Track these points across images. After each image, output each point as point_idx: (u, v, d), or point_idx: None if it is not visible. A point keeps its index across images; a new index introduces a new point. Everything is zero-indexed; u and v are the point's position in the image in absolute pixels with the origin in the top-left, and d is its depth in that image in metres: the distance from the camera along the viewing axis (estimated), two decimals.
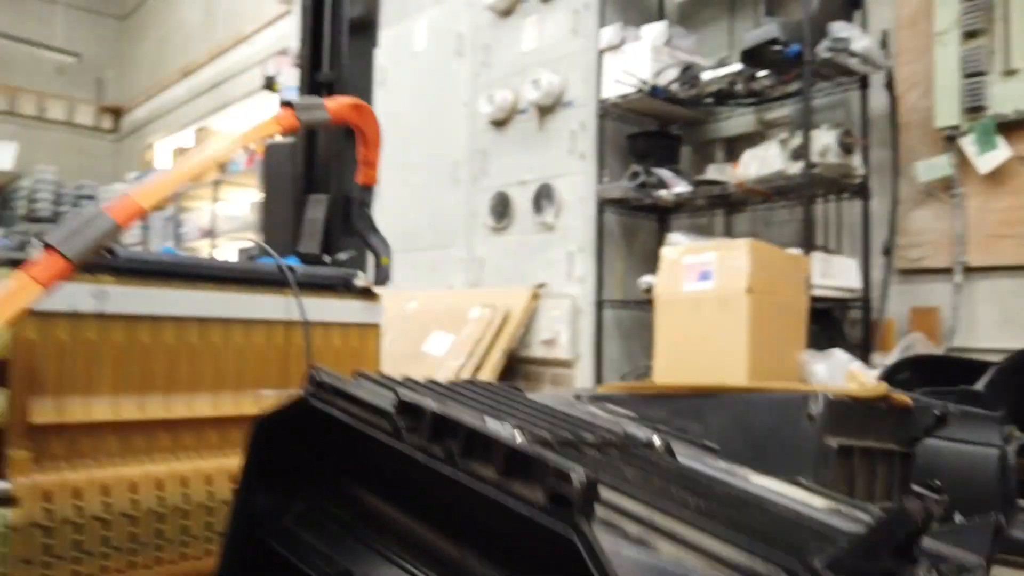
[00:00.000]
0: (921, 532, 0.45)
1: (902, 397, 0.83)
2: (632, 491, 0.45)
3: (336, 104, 0.81)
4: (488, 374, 4.24)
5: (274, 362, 0.91)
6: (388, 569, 0.52)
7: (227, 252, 8.09)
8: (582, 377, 4.35)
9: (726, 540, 0.42)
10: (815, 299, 3.54)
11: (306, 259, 0.97)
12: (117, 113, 12.36)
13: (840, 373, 3.12)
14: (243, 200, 8.23)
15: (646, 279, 3.93)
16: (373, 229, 0.96)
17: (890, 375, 2.08)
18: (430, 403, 0.43)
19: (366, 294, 0.99)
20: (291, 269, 0.92)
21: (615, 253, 4.56)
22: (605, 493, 0.44)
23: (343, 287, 0.98)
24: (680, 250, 3.40)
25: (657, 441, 0.60)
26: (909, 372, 2.09)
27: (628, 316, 4.49)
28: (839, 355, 3.26)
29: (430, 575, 0.50)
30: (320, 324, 0.95)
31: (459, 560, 0.48)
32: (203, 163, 0.68)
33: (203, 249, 8.54)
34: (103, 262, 0.78)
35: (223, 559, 0.53)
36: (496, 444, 0.39)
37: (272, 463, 0.55)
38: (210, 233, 8.17)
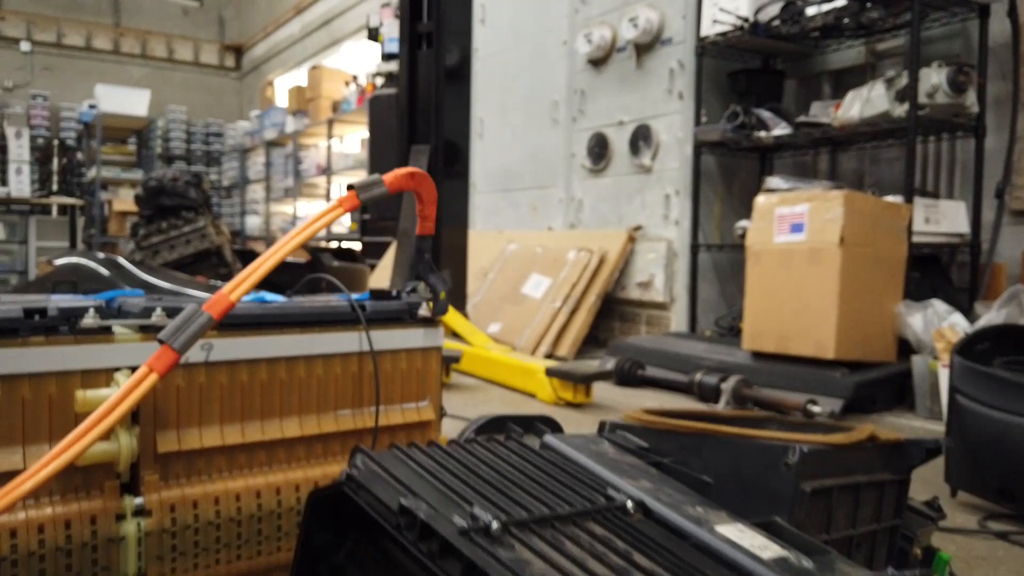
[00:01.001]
0: None
1: (889, 435, 0.91)
2: (572, 572, 0.59)
3: (392, 177, 0.95)
4: (584, 316, 4.38)
5: (350, 386, 1.08)
6: None
7: (342, 188, 8.46)
8: (677, 320, 4.42)
9: None
10: (918, 245, 3.44)
11: (376, 295, 1.13)
12: (238, 51, 12.89)
13: (937, 324, 3.07)
14: (355, 138, 8.54)
15: (742, 223, 3.91)
16: (432, 271, 1.11)
17: (970, 344, 2.08)
18: (422, 508, 0.58)
19: (428, 323, 1.14)
20: (362, 307, 1.08)
21: (713, 195, 4.53)
22: (548, 573, 0.58)
23: (408, 317, 1.13)
24: (773, 200, 3.36)
25: (630, 505, 0.73)
26: (990, 342, 2.07)
27: (725, 258, 4.49)
28: (938, 305, 3.19)
29: None
30: (388, 352, 1.11)
31: None
32: (281, 254, 0.84)
33: (320, 185, 8.95)
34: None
35: None
36: (459, 553, 0.54)
37: (327, 513, 0.72)
38: (326, 170, 8.56)
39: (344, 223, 7.80)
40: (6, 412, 0.84)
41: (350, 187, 0.92)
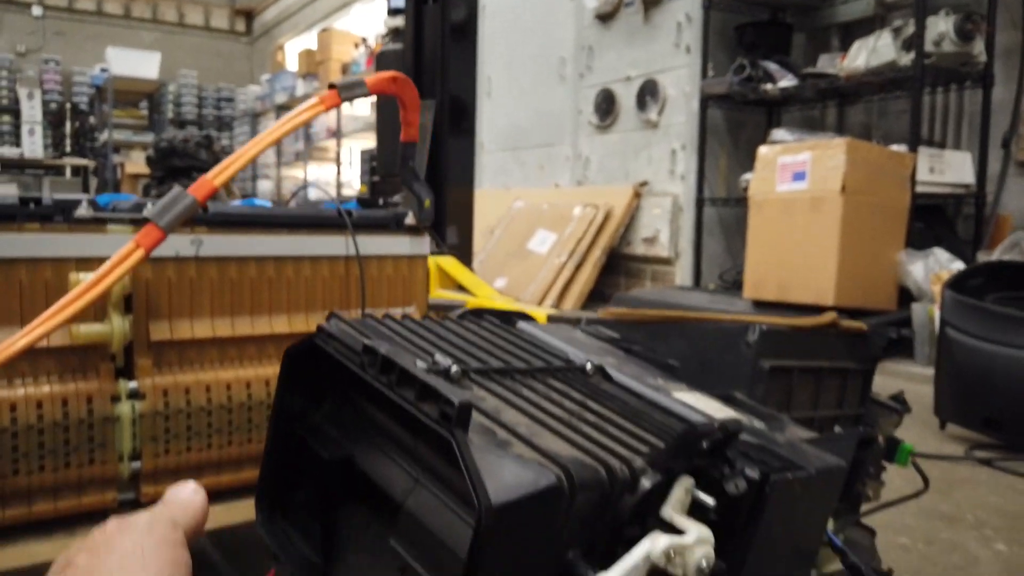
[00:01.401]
0: (723, 440, 0.59)
1: (852, 324, 0.94)
2: (526, 409, 0.63)
3: (375, 79, 0.97)
4: (589, 271, 4.41)
5: (337, 289, 1.12)
6: (375, 453, 0.73)
7: (352, 152, 8.48)
8: (682, 274, 4.44)
9: (575, 444, 0.59)
10: (922, 196, 3.44)
11: (364, 203, 1.16)
12: (248, 15, 12.85)
13: (938, 272, 3.07)
14: (365, 102, 8.54)
15: (747, 177, 3.91)
16: (416, 178, 1.14)
17: (963, 280, 2.09)
18: (383, 346, 0.62)
19: (413, 231, 1.18)
20: (349, 213, 1.11)
21: (719, 149, 4.53)
22: (500, 411, 0.62)
23: (395, 225, 1.17)
24: (776, 149, 3.37)
25: (590, 367, 0.76)
26: (983, 278, 2.09)
27: (730, 214, 4.50)
28: (940, 254, 3.20)
29: (397, 458, 0.70)
30: (375, 257, 1.15)
31: (414, 448, 0.68)
32: (260, 147, 0.87)
33: (330, 148, 8.96)
34: (199, 217, 1.00)
35: (267, 445, 0.75)
36: (413, 378, 0.58)
37: (304, 376, 0.76)
38: (336, 133, 8.58)
39: (354, 186, 7.82)
40: (4, 295, 0.88)
41: (331, 86, 0.95)
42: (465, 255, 4.83)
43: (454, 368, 0.63)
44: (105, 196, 0.99)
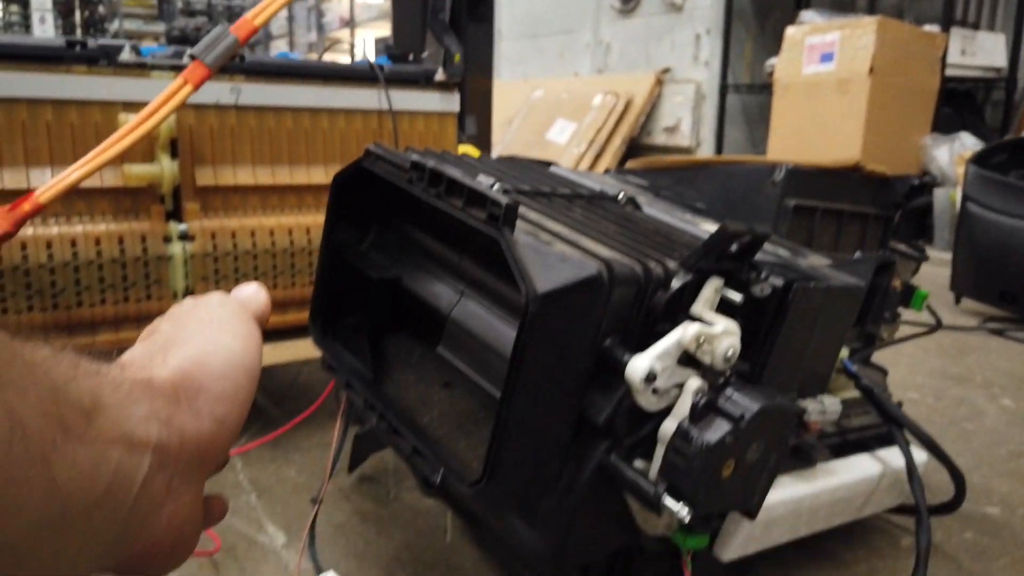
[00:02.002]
0: (751, 246, 0.63)
1: (875, 168, 0.96)
2: (564, 220, 0.66)
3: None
4: (608, 162, 4.38)
5: (370, 142, 1.15)
6: (420, 274, 0.78)
7: (365, 43, 8.30)
8: None
9: (613, 248, 0.63)
10: (952, 79, 3.36)
11: (395, 58, 1.17)
12: None
13: None
14: None
15: (772, 61, 3.82)
16: (447, 30, 1.14)
17: (987, 155, 2.09)
18: (431, 162, 0.65)
19: (443, 87, 1.19)
20: (381, 67, 1.13)
21: (745, 34, 4.40)
22: (541, 220, 0.66)
23: (425, 81, 1.18)
24: (804, 29, 3.28)
25: (622, 196, 0.80)
26: (1007, 155, 2.08)
27: (754, 102, 4.42)
28: (965, 138, 3.16)
29: (443, 276, 0.75)
30: (406, 113, 1.17)
31: (459, 264, 0.73)
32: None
33: (344, 39, 8.77)
34: (237, 66, 1.02)
35: (318, 271, 0.79)
36: (462, 186, 0.61)
37: (351, 208, 0.80)
38: (349, 23, 8.38)
39: None
40: (58, 135, 0.92)
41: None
42: (484, 146, 4.80)
43: (496, 185, 0.67)
44: (145, 48, 1.00)
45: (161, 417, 0.31)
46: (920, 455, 0.86)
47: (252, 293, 0.43)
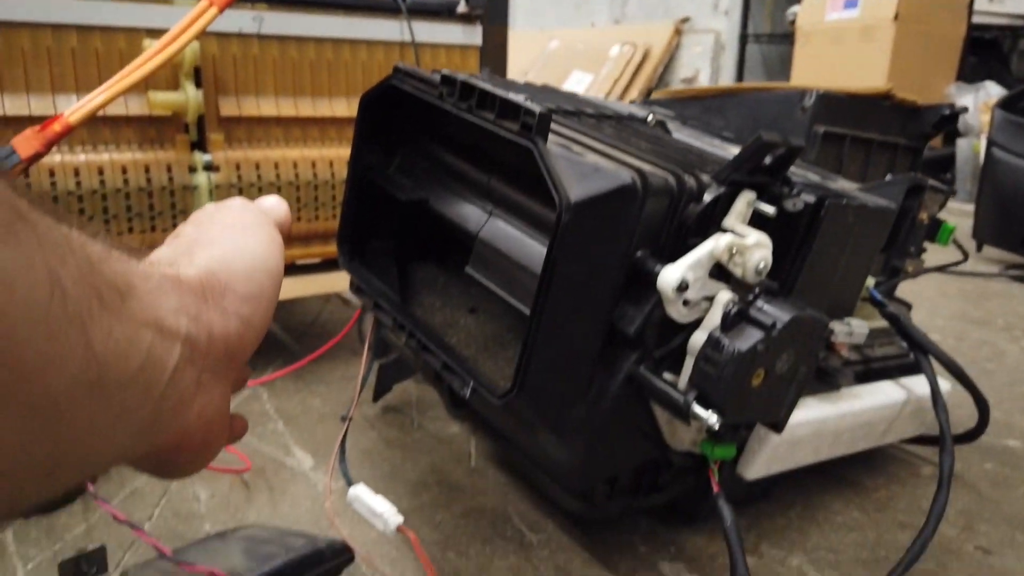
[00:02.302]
0: (785, 158, 0.62)
1: (906, 96, 0.94)
2: (594, 135, 0.66)
3: None
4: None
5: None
6: (449, 196, 0.78)
7: None
8: None
9: (644, 160, 0.63)
10: (978, 27, 3.29)
11: None
12: None
13: None
14: None
15: (794, 9, 3.75)
16: None
17: (1014, 100, 2.05)
18: (461, 76, 0.65)
19: (466, 19, 1.18)
20: None
21: None
22: (572, 135, 0.66)
23: (447, 13, 1.17)
24: None
25: (651, 119, 0.79)
26: None
27: (775, 52, 4.34)
28: (991, 87, 3.09)
29: (471, 197, 0.75)
30: (428, 45, 1.16)
31: (488, 183, 0.73)
32: None
33: None
34: None
35: (345, 196, 0.80)
36: (494, 97, 0.61)
37: (378, 130, 0.80)
38: None
39: None
40: (83, 61, 0.92)
41: None
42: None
43: (528, 101, 0.66)
44: None
45: (190, 312, 0.31)
46: (944, 385, 0.86)
47: (274, 203, 0.44)
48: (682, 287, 0.56)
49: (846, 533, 0.80)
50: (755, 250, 0.58)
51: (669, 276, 0.55)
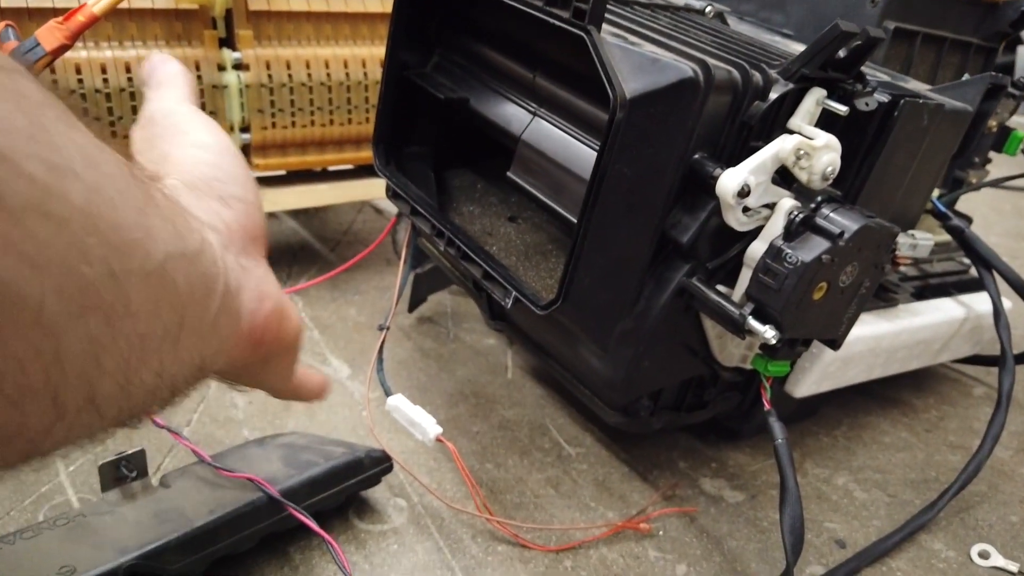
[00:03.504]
0: (861, 52, 0.57)
1: None
2: (651, 26, 0.61)
3: None
4: None
5: None
6: (490, 96, 0.73)
7: None
8: None
9: (704, 51, 0.58)
10: None
11: None
12: None
13: None
14: None
15: None
16: None
17: None
18: None
19: None
20: None
21: None
22: (626, 24, 0.60)
23: None
24: None
25: (709, 9, 0.73)
26: None
27: None
28: None
29: (514, 95, 0.71)
30: None
31: (531, 80, 0.68)
32: None
33: None
34: None
35: (380, 96, 0.75)
36: None
37: (414, 28, 0.75)
38: None
39: None
40: None
41: None
42: None
43: None
44: None
45: (199, 205, 0.32)
46: (1005, 303, 0.82)
47: (169, 73, 0.43)
48: (743, 192, 0.52)
49: (894, 453, 0.78)
50: (824, 153, 0.54)
51: (730, 181, 0.51)
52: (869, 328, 0.72)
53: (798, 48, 0.76)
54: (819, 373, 0.70)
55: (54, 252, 0.20)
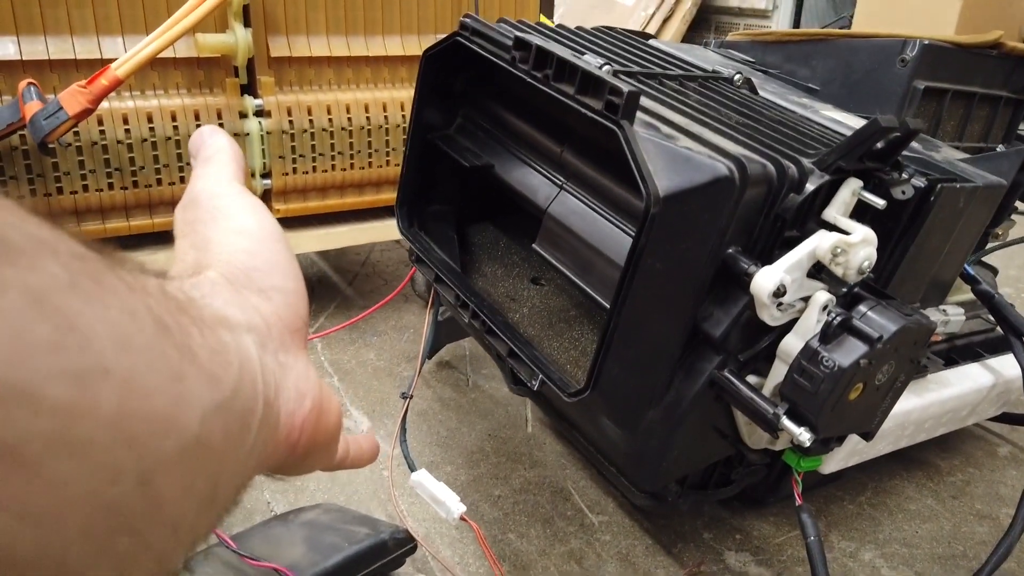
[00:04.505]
0: (899, 143, 0.56)
1: (1017, 45, 0.85)
2: (682, 108, 0.60)
3: None
4: (677, 25, 4.12)
5: (448, 9, 1.07)
6: (515, 163, 0.72)
7: None
8: (778, 29, 4.12)
9: (740, 142, 0.57)
10: None
11: None
12: None
13: None
14: None
15: None
16: None
17: None
18: (536, 40, 0.59)
19: None
20: None
21: None
22: (658, 109, 0.59)
23: None
24: None
25: (737, 78, 0.72)
26: None
27: None
28: None
29: (540, 167, 0.70)
30: None
31: (560, 155, 0.67)
32: None
33: None
34: None
35: (405, 158, 0.75)
36: (574, 68, 0.55)
37: (439, 87, 0.74)
38: None
39: None
40: (128, 1, 0.87)
41: None
42: (547, 6, 4.55)
43: (605, 67, 0.60)
44: None
45: (236, 303, 0.31)
46: None
47: (217, 147, 0.41)
48: (779, 292, 0.51)
49: (920, 524, 0.77)
50: (860, 248, 0.53)
51: (765, 281, 0.51)
52: (899, 404, 0.71)
53: (828, 112, 0.75)
54: (848, 451, 0.69)
55: (77, 490, 0.18)
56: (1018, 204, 0.96)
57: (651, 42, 0.84)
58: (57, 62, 0.85)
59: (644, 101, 0.59)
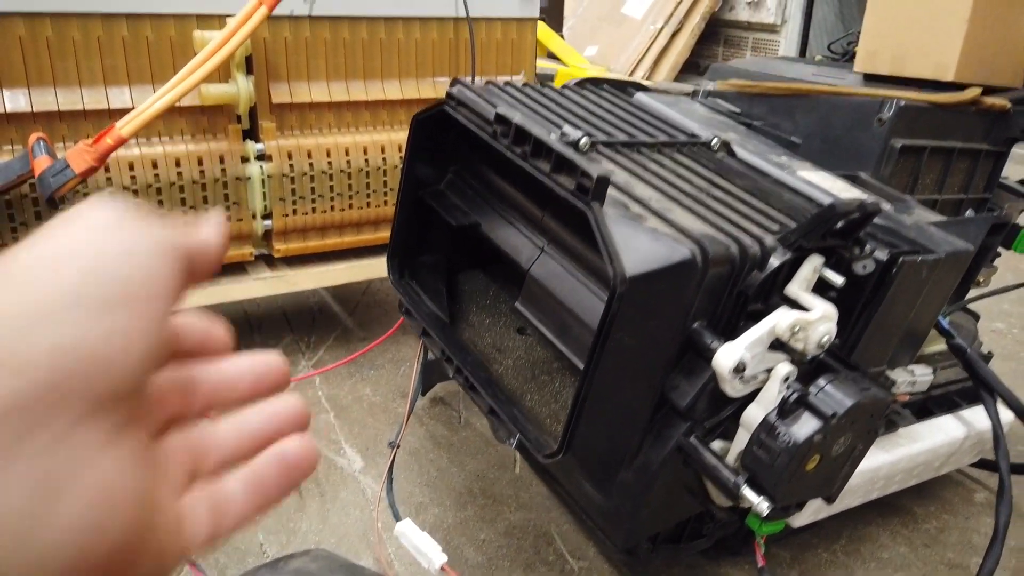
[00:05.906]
0: (859, 223, 0.58)
1: (995, 101, 0.87)
2: (654, 184, 0.63)
3: None
4: (685, 39, 4.15)
5: (446, 54, 1.10)
6: (500, 223, 0.75)
7: None
8: (786, 44, 4.14)
9: (706, 220, 0.60)
10: None
11: None
12: None
13: None
14: None
15: None
16: None
17: None
18: (516, 117, 0.62)
19: None
20: None
21: None
22: (630, 184, 0.62)
23: None
24: None
25: (715, 142, 0.75)
26: None
27: None
28: None
29: (523, 228, 0.73)
30: (483, 19, 1.11)
31: (541, 219, 0.70)
32: None
33: None
34: None
35: (396, 212, 0.78)
36: (550, 149, 0.58)
37: (430, 145, 0.78)
38: None
39: None
40: (134, 51, 0.90)
41: None
42: (555, 20, 4.57)
43: (583, 139, 0.63)
44: None
45: None
46: (1006, 414, 0.83)
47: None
48: (739, 368, 0.54)
49: (892, 573, 0.79)
50: (819, 324, 0.55)
51: (726, 358, 0.53)
52: (868, 461, 0.73)
53: (804, 172, 0.78)
54: (816, 505, 0.71)
55: None
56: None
57: (638, 97, 0.87)
58: (66, 113, 0.89)
59: (618, 176, 0.62)
